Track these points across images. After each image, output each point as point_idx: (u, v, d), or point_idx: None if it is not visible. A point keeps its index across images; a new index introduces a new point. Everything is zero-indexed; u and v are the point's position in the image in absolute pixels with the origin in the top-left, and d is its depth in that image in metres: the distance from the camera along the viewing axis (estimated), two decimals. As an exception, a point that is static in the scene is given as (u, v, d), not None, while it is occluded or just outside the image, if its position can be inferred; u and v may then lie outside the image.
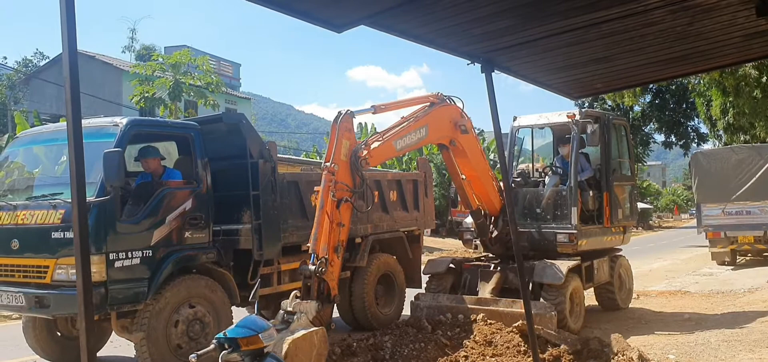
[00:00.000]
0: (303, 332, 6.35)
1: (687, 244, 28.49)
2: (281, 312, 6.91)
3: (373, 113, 8.60)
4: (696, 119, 35.46)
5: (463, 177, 9.90)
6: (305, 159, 13.83)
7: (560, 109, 10.93)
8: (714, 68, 10.97)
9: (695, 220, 20.55)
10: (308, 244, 7.46)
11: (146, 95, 24.01)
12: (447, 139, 9.33)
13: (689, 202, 65.67)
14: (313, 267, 7.10)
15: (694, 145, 36.48)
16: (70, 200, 6.93)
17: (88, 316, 2.29)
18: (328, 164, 7.55)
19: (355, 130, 8.52)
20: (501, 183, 10.24)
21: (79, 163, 2.38)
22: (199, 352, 4.25)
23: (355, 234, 9.86)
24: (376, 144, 8.22)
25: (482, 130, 36.34)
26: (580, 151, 10.76)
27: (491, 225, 10.27)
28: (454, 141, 9.33)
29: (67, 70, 2.41)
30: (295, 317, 6.70)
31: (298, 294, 7.07)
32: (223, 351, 4.14)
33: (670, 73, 6.28)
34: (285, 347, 6.04)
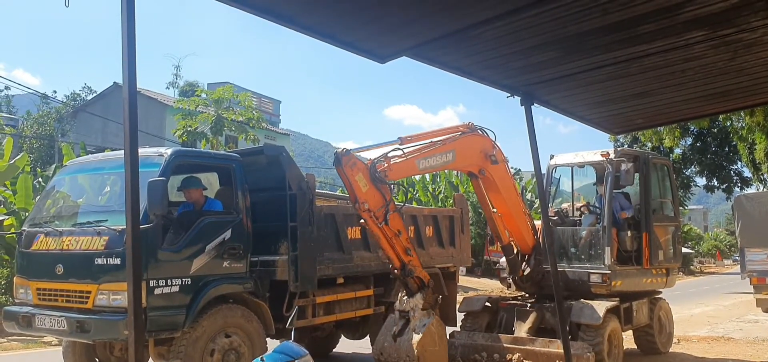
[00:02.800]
0: (422, 331, 7.90)
1: (730, 290, 27.69)
2: (396, 313, 8.38)
3: (400, 144, 8.42)
4: (739, 163, 34.72)
5: (494, 210, 9.84)
6: (341, 194, 13.90)
7: (602, 149, 10.79)
8: (756, 105, 10.78)
9: (738, 266, 19.99)
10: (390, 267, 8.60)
11: (189, 129, 24.52)
12: (476, 168, 9.29)
13: (732, 248, 63.94)
14: (400, 273, 8.29)
15: (737, 188, 35.66)
16: (114, 227, 7.15)
17: (138, 336, 2.34)
18: (357, 205, 7.84)
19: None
20: (535, 222, 10.16)
21: (134, 191, 2.47)
22: (236, 377, 4.29)
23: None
24: (397, 160, 8.22)
25: (519, 170, 36.15)
26: (620, 191, 10.63)
27: (523, 263, 10.15)
28: (484, 170, 9.27)
29: (126, 106, 2.53)
30: (410, 313, 8.11)
31: (404, 296, 8.37)
32: (260, 377, 4.17)
33: (712, 110, 6.20)
34: (415, 351, 7.69)
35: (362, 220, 8.07)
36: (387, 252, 8.25)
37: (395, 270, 8.35)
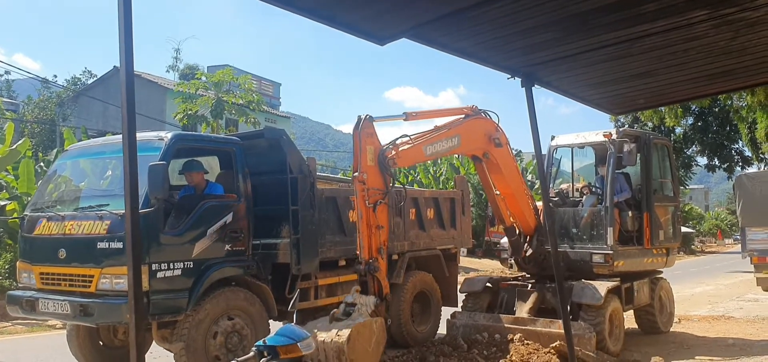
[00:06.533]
0: (364, 319, 7.19)
1: (731, 269, 27.75)
2: (343, 303, 7.62)
3: (405, 120, 8.51)
4: (740, 142, 34.72)
5: (497, 192, 9.86)
6: (343, 177, 13.94)
7: (603, 130, 10.80)
8: (759, 84, 10.76)
9: (739, 245, 20.03)
10: (357, 252, 8.02)
11: (189, 113, 24.46)
12: (480, 151, 9.31)
13: (733, 227, 64.03)
14: (365, 268, 7.75)
15: (738, 168, 35.66)
16: (115, 211, 7.17)
17: (138, 320, 2.35)
18: (356, 174, 7.70)
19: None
20: (537, 203, 10.17)
21: (133, 175, 2.47)
22: (239, 359, 4.32)
23: (392, 251, 9.86)
24: (405, 146, 8.23)
25: (520, 151, 36.12)
26: (619, 172, 10.63)
27: (526, 244, 10.18)
28: (488, 154, 9.29)
29: (124, 89, 2.51)
30: (356, 308, 7.43)
31: (359, 289, 7.80)
32: (263, 359, 4.18)
33: (714, 90, 6.19)
34: (347, 332, 6.89)
35: (353, 197, 7.97)
36: (362, 237, 7.80)
37: (361, 262, 7.87)
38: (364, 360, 7.13)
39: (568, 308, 9.56)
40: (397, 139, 8.19)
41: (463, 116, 9.07)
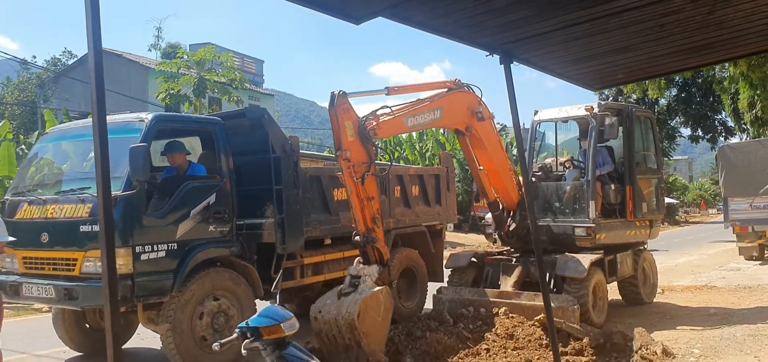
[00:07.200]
0: (370, 292, 7.47)
1: (714, 239, 28.10)
2: (348, 277, 7.90)
3: (387, 94, 8.55)
4: (723, 113, 35.02)
5: (481, 167, 9.89)
6: (328, 155, 13.92)
7: (586, 104, 10.84)
8: (736, 57, 10.84)
9: (722, 215, 20.27)
10: (353, 226, 8.18)
11: (171, 92, 24.28)
12: (463, 125, 9.29)
13: (716, 197, 64.70)
14: (363, 239, 7.91)
15: (722, 138, 35.99)
16: (97, 194, 7.14)
17: (113, 306, 2.36)
18: (340, 153, 7.69)
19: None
20: (520, 178, 10.22)
21: (104, 160, 2.46)
22: (222, 341, 4.33)
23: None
24: (386, 118, 8.18)
25: (504, 125, 36.18)
26: (603, 145, 10.70)
27: (509, 219, 10.23)
28: (471, 128, 9.28)
29: (92, 65, 2.48)
30: (361, 280, 7.70)
31: (361, 260, 7.99)
32: (246, 340, 4.20)
33: (693, 63, 6.22)
34: (357, 307, 7.24)
35: (340, 173, 8.01)
36: (355, 211, 7.95)
37: (357, 235, 8.02)
38: (375, 330, 7.52)
39: (553, 281, 9.70)
40: (377, 109, 8.14)
41: (446, 90, 9.05)
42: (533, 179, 10.70)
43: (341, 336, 7.43)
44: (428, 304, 10.53)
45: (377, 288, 7.68)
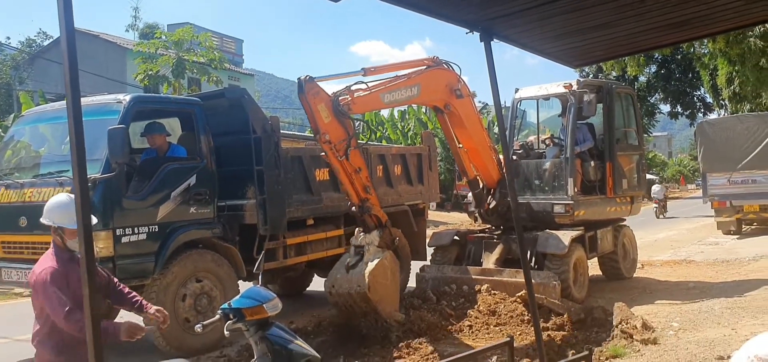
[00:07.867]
0: (375, 261, 7.81)
1: (693, 214, 28.46)
2: (352, 247, 8.21)
3: (364, 75, 8.39)
4: (702, 89, 35.35)
5: (460, 145, 9.89)
6: (309, 135, 13.86)
7: (567, 81, 10.87)
8: (714, 33, 10.89)
9: (701, 191, 20.53)
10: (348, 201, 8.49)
11: (150, 73, 24.00)
12: (441, 102, 9.22)
13: (696, 173, 65.34)
14: (359, 210, 8.16)
15: (701, 114, 36.36)
16: (76, 177, 7.06)
17: (92, 290, 2.33)
18: (318, 136, 7.71)
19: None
20: (501, 156, 10.25)
21: (80, 146, 2.42)
22: (205, 322, 4.34)
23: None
24: (361, 93, 8.11)
25: (485, 104, 36.22)
26: (583, 122, 10.76)
27: (489, 197, 10.27)
28: (449, 105, 9.21)
29: (64, 44, 2.43)
30: (365, 249, 8.00)
31: (361, 232, 8.22)
32: (229, 321, 4.20)
33: (671, 39, 6.23)
34: (366, 281, 7.63)
35: (323, 153, 8.00)
36: (346, 188, 8.16)
37: (353, 207, 8.31)
38: (387, 295, 7.97)
39: (534, 258, 9.78)
40: (351, 84, 8.08)
41: (424, 67, 8.99)
42: (514, 157, 10.74)
43: (358, 306, 7.88)
44: (411, 282, 10.58)
45: (380, 253, 7.97)
